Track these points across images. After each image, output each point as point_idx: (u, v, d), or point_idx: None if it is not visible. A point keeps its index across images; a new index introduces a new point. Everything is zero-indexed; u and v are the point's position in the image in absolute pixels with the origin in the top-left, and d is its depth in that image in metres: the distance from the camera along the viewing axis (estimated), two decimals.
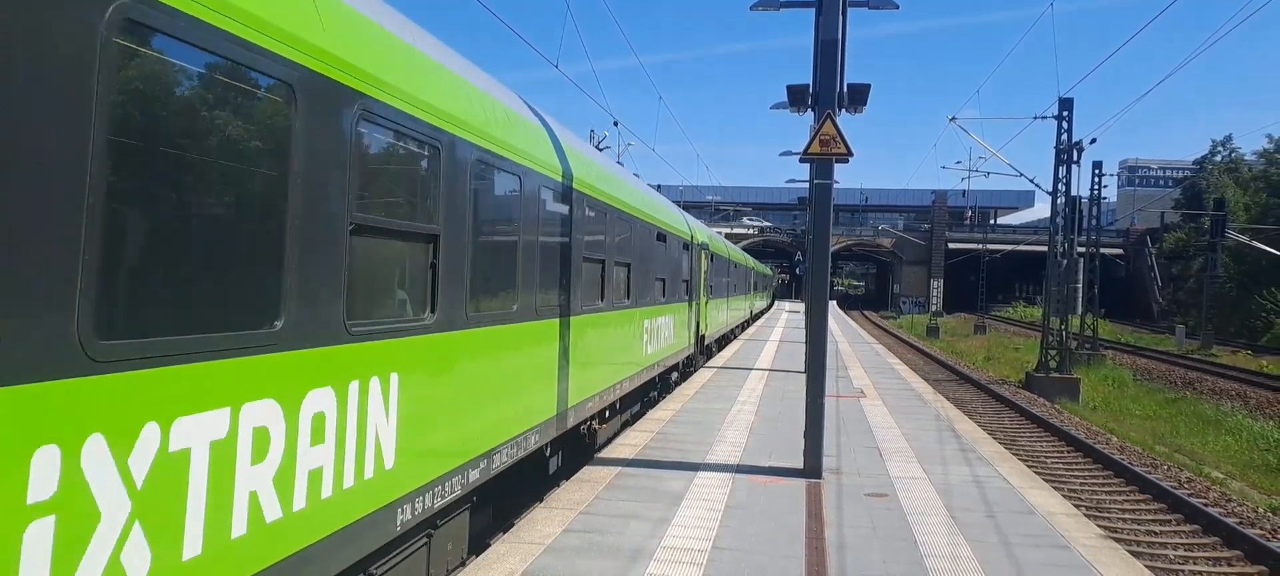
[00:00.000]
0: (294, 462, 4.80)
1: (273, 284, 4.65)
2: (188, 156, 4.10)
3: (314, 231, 4.93)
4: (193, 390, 4.01)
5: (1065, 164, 33.38)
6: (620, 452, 12.32)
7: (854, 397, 19.34)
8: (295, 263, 4.75)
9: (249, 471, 4.41)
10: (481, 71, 8.56)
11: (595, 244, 11.92)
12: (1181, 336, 56.12)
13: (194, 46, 3.98)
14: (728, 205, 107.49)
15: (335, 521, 5.22)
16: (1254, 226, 68.38)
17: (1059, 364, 33.12)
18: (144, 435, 3.70)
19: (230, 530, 4.28)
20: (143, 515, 3.69)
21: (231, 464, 4.28)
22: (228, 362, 4.24)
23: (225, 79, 4.28)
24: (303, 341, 4.85)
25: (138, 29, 3.63)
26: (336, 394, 5.22)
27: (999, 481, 11.40)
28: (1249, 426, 24.41)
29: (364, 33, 5.65)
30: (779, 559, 7.90)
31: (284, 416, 4.70)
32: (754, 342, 35.63)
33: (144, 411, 3.71)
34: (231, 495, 4.28)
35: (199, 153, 4.19)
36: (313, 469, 4.98)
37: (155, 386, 3.77)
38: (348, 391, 5.35)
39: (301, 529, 4.88)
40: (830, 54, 11.43)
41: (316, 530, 5.03)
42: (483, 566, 7.37)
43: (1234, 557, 12.03)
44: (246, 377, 4.39)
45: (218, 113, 4.31)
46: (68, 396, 3.31)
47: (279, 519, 4.66)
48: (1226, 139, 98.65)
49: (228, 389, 4.25)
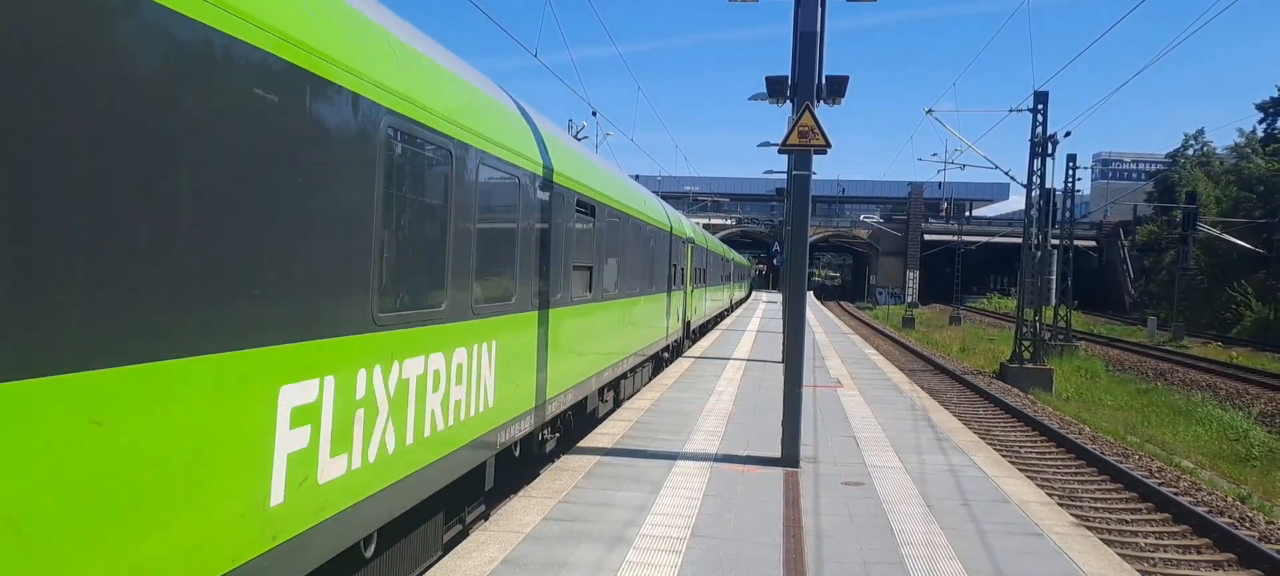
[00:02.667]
0: (451, 392, 7.39)
1: (439, 283, 7.15)
2: (426, 214, 6.93)
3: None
4: (414, 344, 6.59)
5: (1040, 156, 33.61)
6: (599, 441, 12.35)
7: (831, 387, 19.46)
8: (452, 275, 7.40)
9: (431, 397, 6.96)
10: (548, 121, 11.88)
11: (618, 244, 15.11)
12: (1153, 328, 56.68)
13: (442, 144, 7.03)
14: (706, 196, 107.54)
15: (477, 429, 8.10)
16: (1225, 219, 69.15)
17: (1033, 355, 33.42)
18: (394, 367, 6.26)
19: (435, 424, 7.07)
20: (394, 411, 6.29)
21: (425, 390, 6.85)
22: (424, 329, 6.80)
23: (464, 161, 7.52)
24: (456, 317, 7.44)
25: (400, 130, 6.22)
26: (468, 351, 7.79)
27: (974, 470, 11.53)
28: (1219, 417, 24.73)
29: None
30: (757, 546, 7.97)
31: (445, 362, 7.23)
32: (732, 332, 35.74)
33: (396, 353, 6.28)
34: (427, 408, 6.89)
35: (432, 214, 7.02)
36: (457, 399, 7.54)
37: (402, 340, 6.37)
38: (473, 349, 7.93)
39: (460, 433, 7.67)
40: (809, 45, 11.48)
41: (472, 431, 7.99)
42: (461, 555, 7.40)
43: (1204, 545, 12.22)
44: (432, 338, 6.93)
45: (468, 188, 7.63)
46: (366, 344, 5.84)
47: (449, 425, 7.36)
48: (1198, 132, 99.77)
49: (427, 343, 6.82)
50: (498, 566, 7.17)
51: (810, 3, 11.49)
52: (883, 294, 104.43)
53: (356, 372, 5.74)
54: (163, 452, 3.99)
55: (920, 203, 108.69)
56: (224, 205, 4.35)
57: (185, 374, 4.10)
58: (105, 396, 3.63)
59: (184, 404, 4.12)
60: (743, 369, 22.12)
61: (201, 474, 4.25)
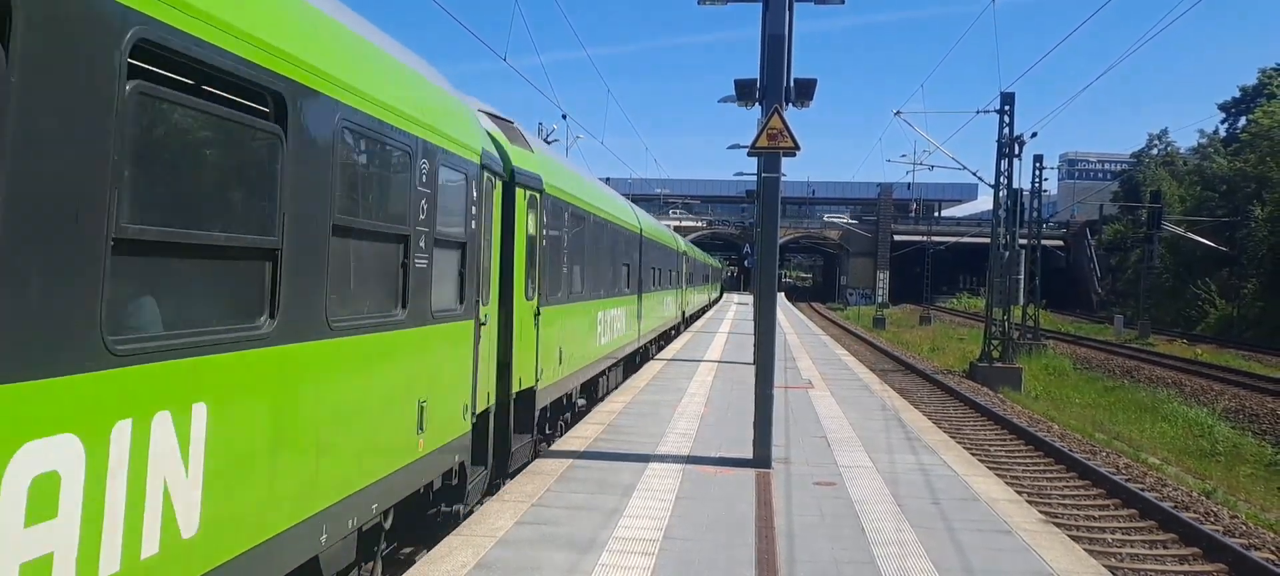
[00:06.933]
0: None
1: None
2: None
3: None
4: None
5: (1007, 157, 33.94)
6: (571, 445, 12.35)
7: (802, 388, 19.55)
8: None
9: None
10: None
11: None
12: (1120, 326, 57.38)
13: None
14: (676, 198, 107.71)
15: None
16: (1189, 218, 70.20)
17: (1002, 353, 33.72)
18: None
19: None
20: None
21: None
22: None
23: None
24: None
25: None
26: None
27: (944, 469, 11.62)
28: (1184, 413, 25.08)
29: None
30: (729, 547, 8.00)
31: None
32: (703, 335, 35.79)
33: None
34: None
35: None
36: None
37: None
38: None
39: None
40: (777, 49, 11.54)
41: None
42: (434, 561, 7.37)
43: (1170, 540, 12.37)
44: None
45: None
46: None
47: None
48: (1162, 133, 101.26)
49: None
50: (470, 571, 7.15)
51: (778, 5, 11.56)
52: (853, 294, 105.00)
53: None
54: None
55: (890, 203, 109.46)
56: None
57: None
58: None
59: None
60: (714, 370, 22.17)
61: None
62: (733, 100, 15.01)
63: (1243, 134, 77.30)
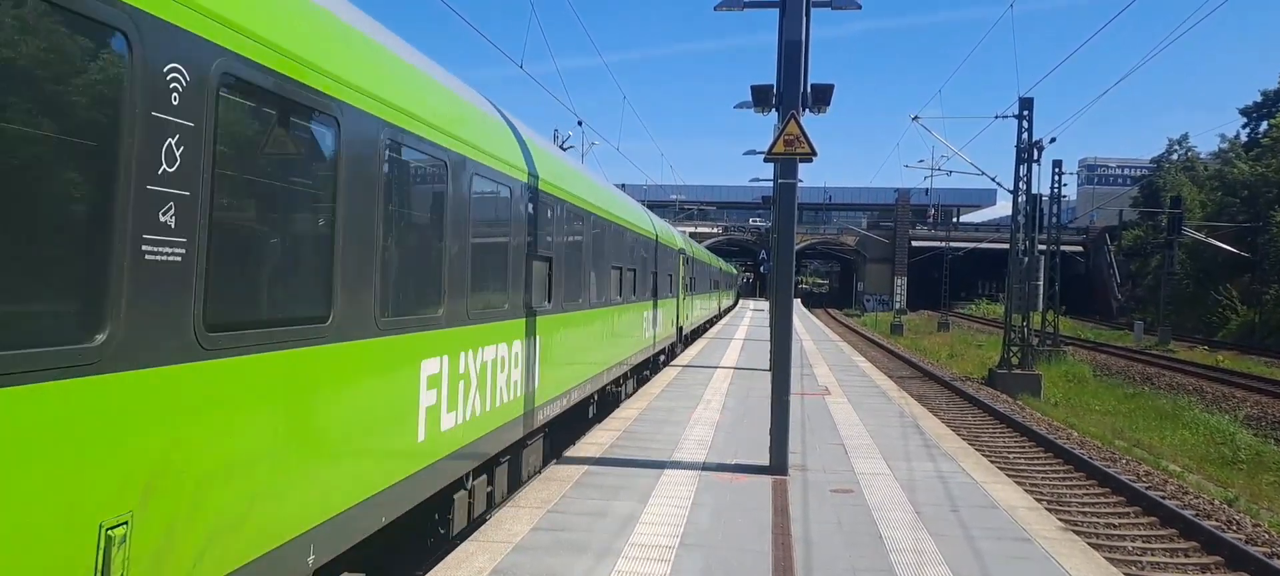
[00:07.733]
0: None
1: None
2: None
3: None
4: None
5: (1026, 162, 33.79)
6: (587, 451, 12.34)
7: (819, 395, 19.48)
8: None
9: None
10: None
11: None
12: (1140, 332, 56.97)
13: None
14: (692, 204, 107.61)
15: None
16: (1209, 224, 69.62)
17: (1021, 360, 33.53)
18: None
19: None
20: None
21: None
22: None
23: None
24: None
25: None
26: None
27: (962, 476, 11.55)
28: (1205, 420, 24.84)
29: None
30: (746, 555, 7.97)
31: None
32: (719, 341, 35.76)
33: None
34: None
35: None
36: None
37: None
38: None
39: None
40: (794, 54, 11.51)
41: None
42: (450, 566, 7.37)
43: (1191, 548, 12.26)
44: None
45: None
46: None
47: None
48: (1182, 138, 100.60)
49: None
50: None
51: (795, 11, 11.53)
52: (870, 300, 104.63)
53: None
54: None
55: (907, 209, 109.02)
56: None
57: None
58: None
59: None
60: (730, 377, 22.12)
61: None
62: (749, 106, 14.98)
63: (1264, 138, 76.72)
